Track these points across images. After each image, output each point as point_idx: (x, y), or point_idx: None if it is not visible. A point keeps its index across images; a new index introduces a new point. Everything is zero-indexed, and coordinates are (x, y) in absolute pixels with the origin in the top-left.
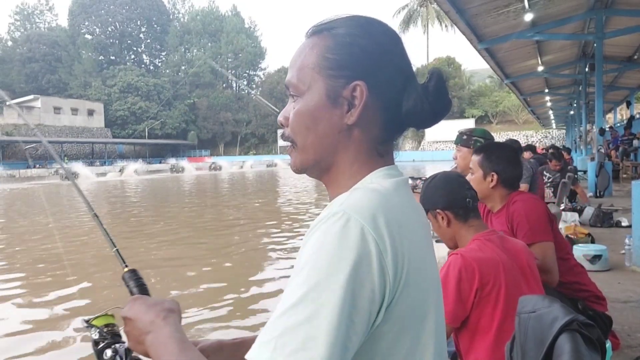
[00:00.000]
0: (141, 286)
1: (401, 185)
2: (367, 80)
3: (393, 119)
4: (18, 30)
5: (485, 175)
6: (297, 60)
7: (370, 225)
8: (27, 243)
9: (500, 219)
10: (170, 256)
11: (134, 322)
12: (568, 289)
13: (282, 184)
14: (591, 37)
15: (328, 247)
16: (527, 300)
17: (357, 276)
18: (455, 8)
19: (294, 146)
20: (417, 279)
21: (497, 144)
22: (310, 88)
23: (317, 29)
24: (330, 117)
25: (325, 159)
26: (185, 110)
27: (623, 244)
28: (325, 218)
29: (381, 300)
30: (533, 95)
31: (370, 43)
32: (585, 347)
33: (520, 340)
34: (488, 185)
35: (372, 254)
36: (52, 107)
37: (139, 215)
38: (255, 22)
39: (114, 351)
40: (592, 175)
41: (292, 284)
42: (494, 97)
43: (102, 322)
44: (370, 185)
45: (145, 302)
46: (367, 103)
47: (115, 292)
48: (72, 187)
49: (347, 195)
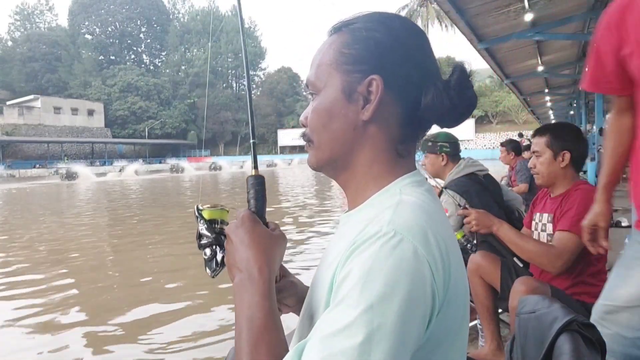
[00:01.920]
0: (258, 199)
1: (433, 194)
2: (383, 74)
3: (412, 116)
4: (18, 30)
5: (555, 155)
6: (317, 59)
7: (423, 246)
8: (28, 243)
9: (555, 203)
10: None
11: (232, 246)
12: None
13: (284, 184)
14: (591, 37)
15: (382, 270)
16: (527, 301)
17: (411, 300)
18: (455, 8)
19: (310, 144)
20: (458, 294)
21: (559, 123)
22: (327, 84)
23: (337, 26)
24: (346, 113)
25: (341, 157)
26: (185, 110)
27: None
28: (375, 237)
29: (429, 321)
30: (533, 95)
31: (387, 37)
32: (585, 347)
33: (520, 341)
34: (559, 166)
35: (425, 277)
36: (52, 107)
37: (150, 217)
38: (255, 22)
39: (213, 253)
40: (592, 176)
41: (343, 304)
42: (494, 97)
43: (212, 216)
44: (406, 197)
45: (249, 234)
46: (383, 98)
47: (113, 294)
48: (72, 187)
49: (392, 212)
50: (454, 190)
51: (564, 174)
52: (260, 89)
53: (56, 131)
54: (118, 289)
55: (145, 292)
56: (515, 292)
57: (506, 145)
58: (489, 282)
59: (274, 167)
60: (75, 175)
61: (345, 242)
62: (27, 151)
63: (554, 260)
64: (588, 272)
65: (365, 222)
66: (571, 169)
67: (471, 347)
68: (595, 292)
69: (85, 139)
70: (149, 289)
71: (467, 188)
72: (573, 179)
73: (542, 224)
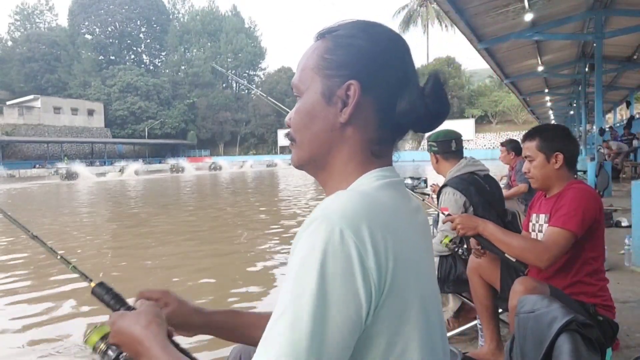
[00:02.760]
0: (116, 297)
1: (392, 185)
2: (361, 80)
3: (388, 120)
4: (18, 30)
5: (548, 157)
6: (301, 63)
7: (350, 228)
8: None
9: (549, 203)
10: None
11: (124, 345)
12: (584, 291)
13: (284, 183)
14: (591, 37)
15: (311, 254)
16: (526, 300)
17: (339, 281)
18: (455, 8)
19: (293, 143)
20: (409, 278)
21: (547, 125)
22: (309, 88)
23: (321, 33)
24: (326, 116)
25: (320, 157)
26: (185, 110)
27: (623, 244)
28: (308, 224)
29: (368, 302)
30: (533, 95)
31: (367, 45)
32: (584, 347)
33: (520, 341)
34: (553, 168)
35: (352, 257)
36: (52, 107)
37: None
38: (255, 22)
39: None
40: (591, 176)
41: (282, 291)
42: (494, 97)
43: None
44: (359, 187)
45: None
46: (360, 102)
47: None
48: (72, 187)
49: (330, 199)
50: (454, 187)
51: (558, 175)
52: (260, 89)
53: (56, 131)
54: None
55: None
56: (514, 291)
57: (506, 145)
58: (488, 281)
59: (274, 167)
60: (75, 175)
61: None
62: (27, 151)
63: (540, 254)
64: (585, 271)
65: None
66: (565, 169)
67: (471, 347)
68: (593, 292)
69: (85, 139)
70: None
71: (466, 186)
72: (568, 179)
73: (539, 225)
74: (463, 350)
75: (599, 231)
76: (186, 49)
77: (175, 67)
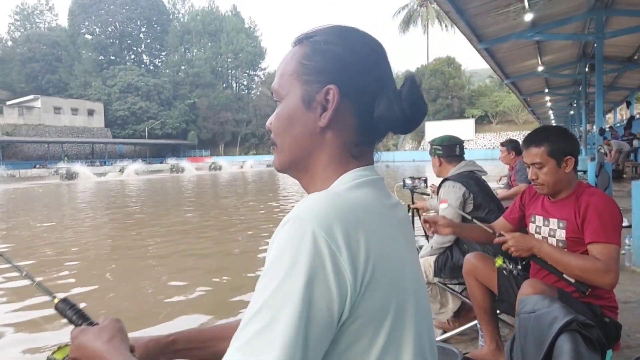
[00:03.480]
0: (78, 312)
1: (369, 183)
2: (340, 85)
3: (366, 123)
4: (18, 30)
5: (559, 162)
6: (280, 68)
7: (321, 227)
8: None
9: (568, 208)
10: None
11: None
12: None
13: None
14: (591, 37)
15: (283, 254)
16: (527, 301)
17: (312, 279)
18: (455, 8)
19: (274, 147)
20: (388, 274)
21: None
22: (289, 93)
23: (299, 38)
24: (305, 120)
25: (301, 160)
26: (185, 110)
27: (623, 244)
28: (282, 225)
29: (342, 299)
30: (533, 95)
31: (345, 50)
32: (585, 347)
33: (520, 340)
34: (564, 172)
35: (324, 255)
36: (52, 107)
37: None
38: (255, 22)
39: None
40: (592, 176)
41: (256, 291)
42: (494, 97)
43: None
44: (333, 188)
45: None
46: (339, 107)
47: (113, 295)
48: (72, 187)
49: (303, 201)
50: (454, 179)
51: (569, 178)
52: (260, 89)
53: (56, 131)
54: (118, 289)
55: (145, 292)
56: (522, 295)
57: (506, 145)
58: (485, 283)
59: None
60: (75, 175)
61: None
62: (27, 151)
63: (603, 275)
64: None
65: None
66: (573, 171)
67: (471, 347)
68: (599, 294)
69: (86, 139)
70: (149, 288)
71: (466, 179)
72: (574, 181)
73: (549, 229)
74: (463, 350)
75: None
76: (186, 49)
77: (176, 67)
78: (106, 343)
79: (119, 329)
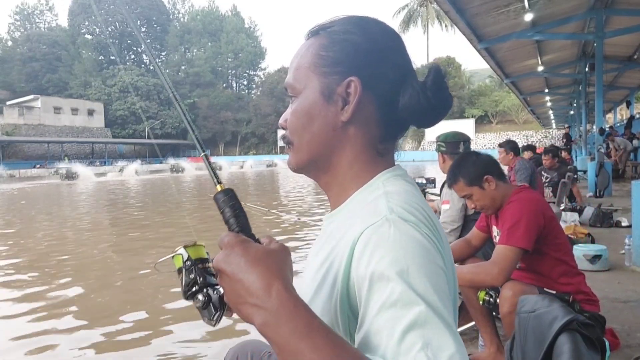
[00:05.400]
0: (238, 216)
1: (414, 185)
2: (361, 76)
3: (390, 116)
4: (18, 30)
5: (481, 186)
6: (295, 62)
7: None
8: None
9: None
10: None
11: (229, 279)
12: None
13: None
14: (591, 37)
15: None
16: (527, 300)
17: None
18: (455, 8)
19: (290, 146)
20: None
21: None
22: (306, 87)
23: (314, 30)
24: (326, 115)
25: (321, 159)
26: (186, 110)
27: (623, 244)
28: (374, 228)
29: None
30: (533, 95)
31: (364, 40)
32: (585, 346)
33: (520, 340)
34: (491, 190)
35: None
36: (52, 107)
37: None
38: (255, 22)
39: (206, 298)
40: (592, 175)
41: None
42: (494, 96)
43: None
44: (390, 188)
45: (244, 257)
46: (361, 99)
47: (113, 295)
48: (72, 187)
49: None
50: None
51: (499, 193)
52: (260, 89)
53: (56, 131)
54: (118, 289)
55: (145, 292)
56: (504, 298)
57: (505, 145)
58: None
59: (274, 167)
60: (75, 175)
61: (335, 241)
62: (27, 151)
63: (489, 269)
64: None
65: (352, 217)
66: (500, 183)
67: (471, 347)
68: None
69: (85, 139)
70: (149, 289)
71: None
72: (509, 189)
73: (496, 238)
74: None
75: (555, 231)
76: (187, 49)
77: (176, 67)
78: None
79: (291, 264)
